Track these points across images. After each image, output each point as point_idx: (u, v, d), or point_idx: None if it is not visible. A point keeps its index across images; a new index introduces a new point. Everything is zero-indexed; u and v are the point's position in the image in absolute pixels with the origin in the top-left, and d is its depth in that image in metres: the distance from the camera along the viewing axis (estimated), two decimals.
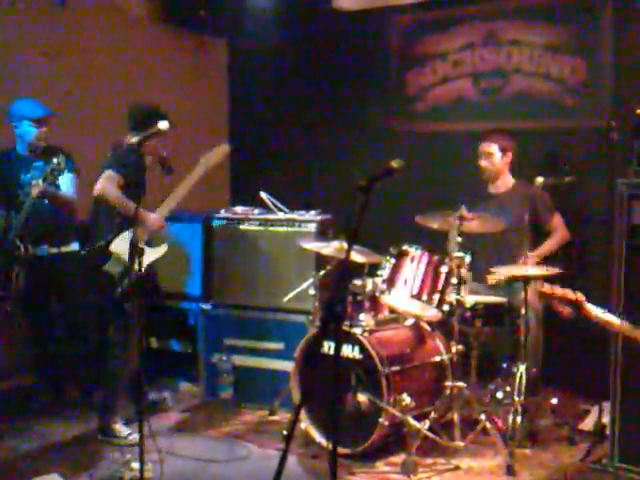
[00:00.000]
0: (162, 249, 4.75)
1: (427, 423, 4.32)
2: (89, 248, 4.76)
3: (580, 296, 3.36)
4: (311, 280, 4.98)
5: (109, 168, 4.60)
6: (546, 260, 5.02)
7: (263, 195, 5.42)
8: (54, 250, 5.06)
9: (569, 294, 3.36)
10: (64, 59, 5.67)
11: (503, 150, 5.25)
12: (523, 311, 4.58)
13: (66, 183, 5.02)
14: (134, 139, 4.59)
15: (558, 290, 3.38)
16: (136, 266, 4.00)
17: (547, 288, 3.41)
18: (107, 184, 4.56)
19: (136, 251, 4.03)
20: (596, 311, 3.38)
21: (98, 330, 5.17)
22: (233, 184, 7.11)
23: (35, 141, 5.01)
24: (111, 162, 4.65)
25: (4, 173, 5.06)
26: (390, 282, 4.62)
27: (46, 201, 4.92)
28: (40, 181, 4.77)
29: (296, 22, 6.70)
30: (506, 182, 5.33)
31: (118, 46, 6.04)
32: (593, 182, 5.34)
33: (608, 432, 4.20)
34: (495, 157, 5.25)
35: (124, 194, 4.56)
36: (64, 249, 5.11)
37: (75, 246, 5.17)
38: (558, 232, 5.26)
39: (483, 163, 5.29)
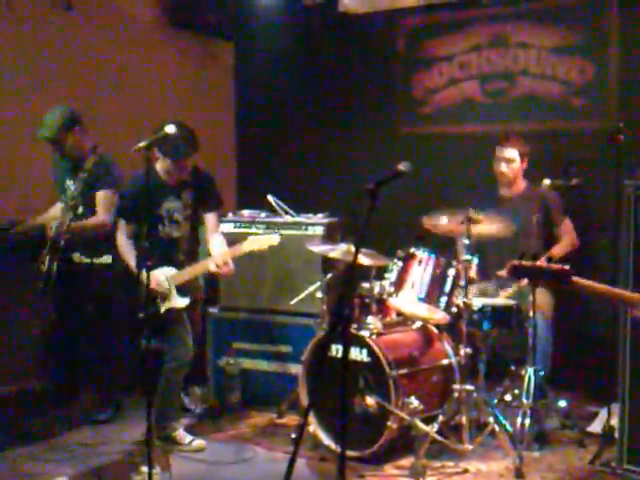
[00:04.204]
0: (184, 301, 4.67)
1: (435, 426, 4.31)
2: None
3: None
4: (318, 283, 4.98)
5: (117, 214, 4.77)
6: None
7: (270, 198, 5.42)
8: (87, 260, 5.04)
9: None
10: (70, 63, 5.68)
11: (522, 156, 5.22)
12: (531, 314, 4.58)
13: (98, 203, 4.98)
14: (141, 144, 4.37)
15: None
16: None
17: None
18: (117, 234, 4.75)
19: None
20: None
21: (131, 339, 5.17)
22: (240, 187, 7.11)
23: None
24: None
25: (56, 177, 5.13)
26: (398, 285, 4.62)
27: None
28: (64, 221, 4.84)
29: (302, 25, 6.72)
30: (519, 185, 5.32)
31: (124, 50, 6.05)
32: (600, 184, 5.31)
33: (617, 434, 4.19)
34: (517, 163, 5.22)
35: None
36: (96, 260, 5.05)
37: (107, 259, 5.05)
38: (567, 237, 5.23)
39: (504, 169, 5.23)
